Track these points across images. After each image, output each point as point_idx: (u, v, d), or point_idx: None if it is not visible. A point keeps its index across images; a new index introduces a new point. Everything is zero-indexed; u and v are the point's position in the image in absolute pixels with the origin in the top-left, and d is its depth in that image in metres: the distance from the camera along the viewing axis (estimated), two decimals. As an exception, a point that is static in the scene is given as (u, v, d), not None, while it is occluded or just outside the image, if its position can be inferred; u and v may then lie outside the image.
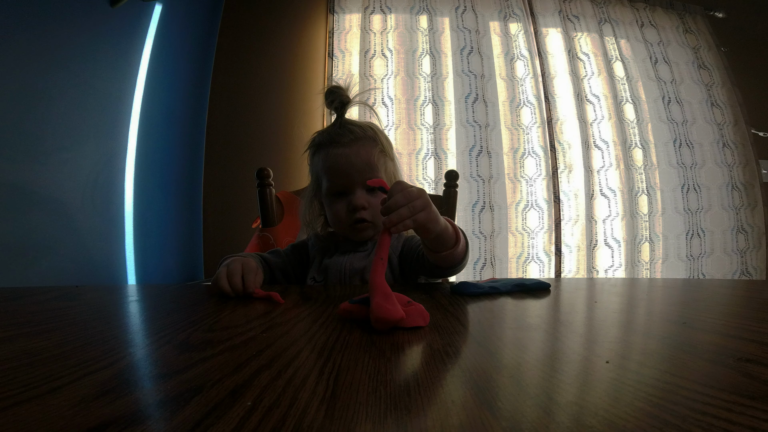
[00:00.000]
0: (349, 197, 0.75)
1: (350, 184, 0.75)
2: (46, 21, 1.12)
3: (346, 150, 0.74)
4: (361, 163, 0.74)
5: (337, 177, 0.75)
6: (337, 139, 0.75)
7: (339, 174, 0.75)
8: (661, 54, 2.41)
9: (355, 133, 0.75)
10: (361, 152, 0.74)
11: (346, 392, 0.21)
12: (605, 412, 0.18)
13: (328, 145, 0.76)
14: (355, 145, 0.75)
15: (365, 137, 0.76)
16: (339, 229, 0.79)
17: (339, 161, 0.74)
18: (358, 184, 0.74)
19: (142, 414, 0.18)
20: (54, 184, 1.16)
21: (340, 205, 0.75)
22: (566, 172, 2.19)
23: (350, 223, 0.75)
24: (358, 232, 0.76)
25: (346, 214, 0.75)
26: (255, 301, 0.52)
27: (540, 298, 0.54)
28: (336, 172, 0.75)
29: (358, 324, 0.38)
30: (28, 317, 0.42)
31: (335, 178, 0.75)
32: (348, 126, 0.77)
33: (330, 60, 2.13)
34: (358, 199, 0.73)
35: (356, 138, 0.75)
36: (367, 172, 0.74)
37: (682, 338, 0.32)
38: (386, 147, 0.79)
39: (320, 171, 0.77)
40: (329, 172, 0.75)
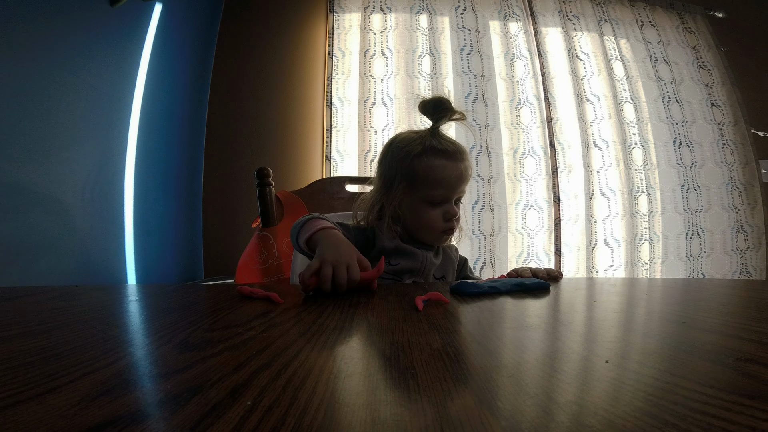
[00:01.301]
0: (445, 206, 0.82)
1: (449, 196, 0.82)
2: (46, 21, 1.11)
3: (455, 164, 0.81)
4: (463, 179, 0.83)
5: (444, 188, 0.81)
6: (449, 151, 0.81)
7: (446, 186, 0.81)
8: (661, 54, 2.41)
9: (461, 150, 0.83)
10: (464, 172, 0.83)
11: (345, 392, 0.21)
12: (605, 412, 0.18)
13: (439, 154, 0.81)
14: (461, 161, 0.82)
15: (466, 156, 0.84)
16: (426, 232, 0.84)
17: (448, 174, 0.80)
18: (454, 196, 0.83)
19: (141, 413, 0.18)
20: (54, 184, 1.16)
21: (436, 212, 0.82)
22: (566, 172, 2.19)
23: (443, 229, 0.82)
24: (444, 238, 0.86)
25: (441, 221, 0.82)
26: (254, 301, 0.52)
27: (540, 298, 0.54)
28: (443, 184, 0.80)
29: (357, 324, 0.38)
30: (28, 317, 0.42)
31: (441, 189, 0.81)
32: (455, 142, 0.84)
33: (330, 59, 2.13)
34: (454, 210, 0.82)
35: (462, 154, 0.83)
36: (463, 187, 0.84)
37: (681, 338, 0.32)
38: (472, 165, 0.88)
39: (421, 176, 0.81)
40: (435, 182, 0.80)
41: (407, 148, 0.82)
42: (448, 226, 0.82)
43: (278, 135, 2.12)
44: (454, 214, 0.81)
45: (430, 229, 0.83)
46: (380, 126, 2.06)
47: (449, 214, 0.81)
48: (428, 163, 0.80)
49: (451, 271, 0.89)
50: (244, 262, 1.16)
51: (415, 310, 0.45)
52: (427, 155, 0.80)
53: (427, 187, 0.80)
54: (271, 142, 2.10)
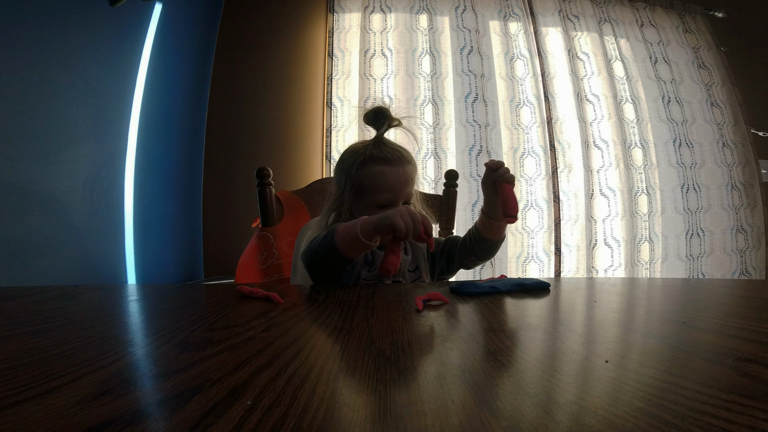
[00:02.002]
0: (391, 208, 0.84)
1: (395, 199, 0.85)
2: (46, 21, 1.11)
3: (395, 169, 0.85)
4: (405, 182, 0.86)
5: (387, 192, 0.85)
6: (389, 158, 0.86)
7: (388, 191, 0.85)
8: (661, 54, 2.41)
9: (403, 156, 0.87)
10: (406, 173, 0.86)
11: (345, 392, 0.21)
12: (605, 412, 0.18)
13: (379, 161, 0.86)
14: (401, 166, 0.86)
15: (408, 160, 0.88)
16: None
17: (389, 179, 0.85)
18: (400, 198, 0.86)
19: (141, 413, 0.18)
20: (54, 184, 1.16)
21: None
22: (566, 172, 2.19)
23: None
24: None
25: None
26: (254, 301, 0.52)
27: (540, 298, 0.54)
28: (387, 189, 0.85)
29: (357, 324, 0.38)
30: (28, 317, 0.42)
31: (384, 194, 0.85)
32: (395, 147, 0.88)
33: (330, 59, 2.12)
34: None
35: (403, 160, 0.87)
36: (408, 190, 0.87)
37: (681, 338, 0.32)
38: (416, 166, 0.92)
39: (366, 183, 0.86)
40: (378, 187, 0.85)
41: (352, 158, 0.88)
42: None
43: (278, 135, 2.12)
44: None
45: None
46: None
47: None
48: (370, 170, 0.85)
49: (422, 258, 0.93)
50: (244, 262, 1.16)
51: (415, 310, 0.45)
52: (369, 163, 0.86)
53: (372, 192, 0.86)
54: (271, 142, 2.10)
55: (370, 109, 0.90)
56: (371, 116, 0.89)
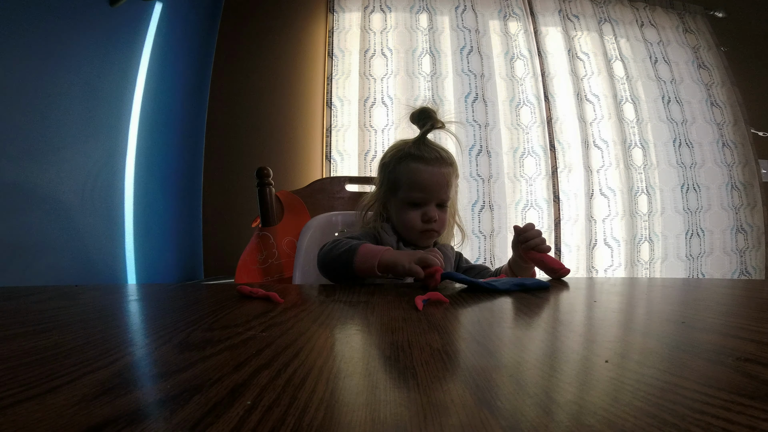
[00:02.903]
0: (424, 208, 0.86)
1: (428, 199, 0.86)
2: (46, 20, 1.11)
3: (431, 168, 0.85)
4: (440, 183, 0.86)
5: (419, 191, 0.85)
6: (427, 157, 0.86)
7: (422, 189, 0.85)
8: (661, 53, 2.41)
9: (442, 157, 0.87)
10: (444, 173, 0.86)
11: (345, 391, 0.21)
12: (604, 412, 0.18)
13: (416, 159, 0.86)
14: (439, 166, 0.86)
15: (448, 160, 0.88)
16: (407, 232, 0.89)
17: (424, 177, 0.85)
18: (433, 199, 0.86)
19: (141, 413, 0.18)
20: (53, 184, 1.16)
21: (414, 213, 0.86)
22: (566, 172, 2.18)
23: (421, 230, 0.86)
24: (426, 239, 0.89)
25: (419, 223, 0.86)
26: (254, 301, 0.52)
27: (540, 298, 0.54)
28: (419, 187, 0.85)
29: (357, 324, 0.38)
30: (27, 316, 0.42)
31: (417, 191, 0.85)
32: (435, 147, 0.88)
33: (330, 59, 2.12)
34: (433, 212, 0.86)
35: (442, 161, 0.86)
36: (443, 191, 0.86)
37: (681, 338, 0.32)
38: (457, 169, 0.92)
39: (402, 179, 0.87)
40: (412, 184, 0.85)
41: (394, 154, 0.89)
42: (426, 227, 0.86)
43: (278, 135, 2.12)
44: (431, 217, 0.85)
45: (409, 229, 0.87)
46: (380, 126, 2.06)
47: (426, 216, 0.85)
48: (407, 167, 0.86)
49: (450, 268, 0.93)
50: (243, 262, 1.16)
51: (414, 310, 0.45)
52: (407, 160, 0.87)
53: (406, 189, 0.86)
54: (271, 142, 2.10)
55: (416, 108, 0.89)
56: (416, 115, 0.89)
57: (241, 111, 2.10)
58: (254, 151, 2.08)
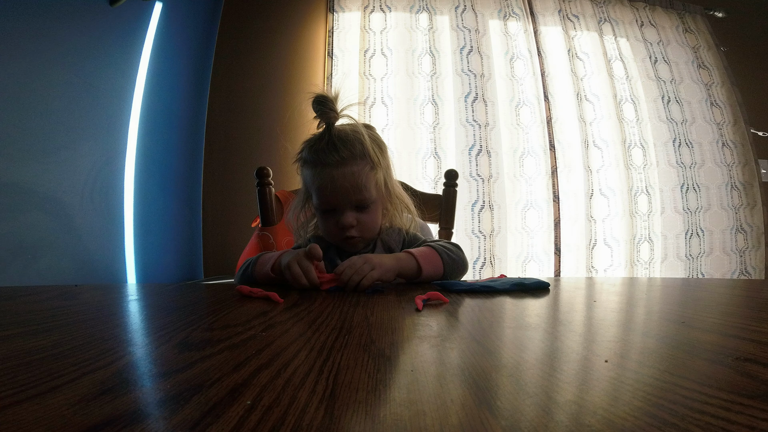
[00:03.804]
0: (337, 216, 0.77)
1: (339, 204, 0.76)
2: (46, 20, 1.11)
3: (333, 171, 0.74)
4: (348, 185, 0.74)
5: (326, 197, 0.76)
6: (324, 159, 0.74)
7: (328, 195, 0.75)
8: (661, 53, 2.41)
9: (342, 154, 0.74)
10: (348, 174, 0.74)
11: (345, 391, 0.21)
12: (604, 411, 0.18)
13: (314, 164, 0.76)
14: (343, 166, 0.74)
15: (353, 157, 0.75)
16: (329, 239, 0.82)
17: (327, 183, 0.74)
18: (347, 204, 0.76)
19: (141, 413, 0.18)
20: (53, 183, 1.16)
21: (331, 221, 0.78)
22: (566, 172, 2.18)
23: (341, 238, 0.78)
24: (350, 246, 0.80)
25: (336, 231, 0.78)
26: (254, 301, 0.52)
27: (539, 298, 0.54)
28: (325, 193, 0.75)
29: (357, 324, 0.38)
30: (27, 316, 0.42)
31: (325, 198, 0.76)
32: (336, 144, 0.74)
33: (330, 59, 2.12)
34: (347, 218, 0.76)
35: (343, 160, 0.74)
36: (354, 193, 0.75)
37: (680, 337, 0.32)
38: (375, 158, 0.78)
39: (309, 186, 0.78)
40: (318, 191, 0.76)
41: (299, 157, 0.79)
42: (343, 234, 0.77)
43: (278, 134, 2.11)
44: (345, 224, 0.75)
45: (330, 236, 0.80)
46: (380, 125, 2.06)
47: (341, 223, 0.76)
48: (306, 173, 0.78)
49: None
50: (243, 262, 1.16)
51: (414, 310, 0.45)
52: (306, 165, 0.77)
53: (315, 196, 0.78)
54: (270, 142, 2.10)
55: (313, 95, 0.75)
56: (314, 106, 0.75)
57: (241, 111, 2.10)
58: (254, 150, 2.08)
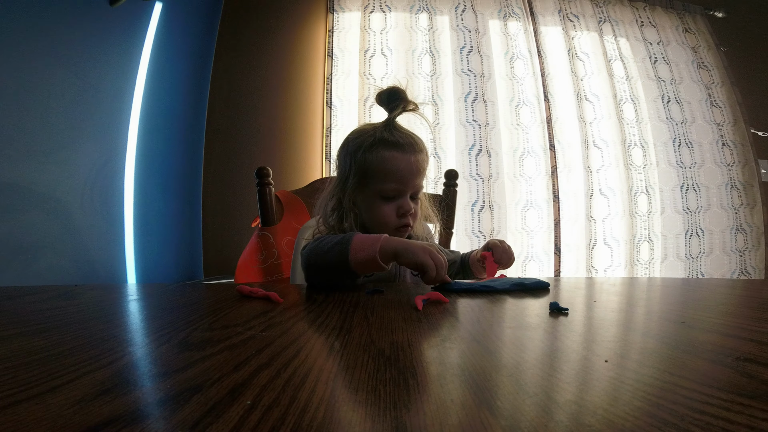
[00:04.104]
0: (398, 201, 0.78)
1: (404, 190, 0.78)
2: (46, 20, 1.11)
3: (407, 156, 0.76)
4: (416, 172, 0.78)
5: (395, 182, 0.77)
6: (401, 143, 0.77)
7: (397, 179, 0.76)
8: (661, 53, 2.41)
9: (416, 142, 0.78)
10: (418, 162, 0.78)
11: (345, 391, 0.21)
12: (604, 411, 0.18)
13: (389, 146, 0.76)
14: (414, 153, 0.77)
15: (421, 147, 0.79)
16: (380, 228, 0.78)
17: (400, 166, 0.76)
18: (408, 190, 0.78)
19: (141, 413, 0.18)
20: (53, 183, 1.16)
21: (389, 207, 0.78)
22: (565, 172, 2.18)
23: (397, 225, 0.78)
24: (401, 234, 0.80)
25: (394, 218, 0.78)
26: (254, 301, 0.52)
27: (539, 298, 0.54)
28: (395, 177, 0.76)
29: (357, 323, 0.38)
30: (27, 316, 0.42)
31: (392, 182, 0.77)
32: (408, 133, 0.79)
33: (330, 59, 2.12)
34: (407, 204, 0.78)
35: (416, 146, 0.78)
36: (419, 180, 0.79)
37: (680, 337, 0.32)
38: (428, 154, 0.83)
39: (372, 169, 0.77)
40: (387, 174, 0.76)
41: (359, 140, 0.79)
42: (402, 222, 0.78)
43: (278, 134, 2.11)
44: (407, 210, 0.77)
45: (384, 226, 0.78)
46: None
47: (402, 209, 0.77)
48: (378, 155, 0.76)
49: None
50: (243, 262, 1.16)
51: (414, 310, 0.45)
52: (378, 147, 0.77)
53: (378, 180, 0.77)
54: (270, 142, 2.10)
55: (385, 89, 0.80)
56: (385, 96, 0.79)
57: (241, 111, 2.10)
58: (254, 150, 2.08)
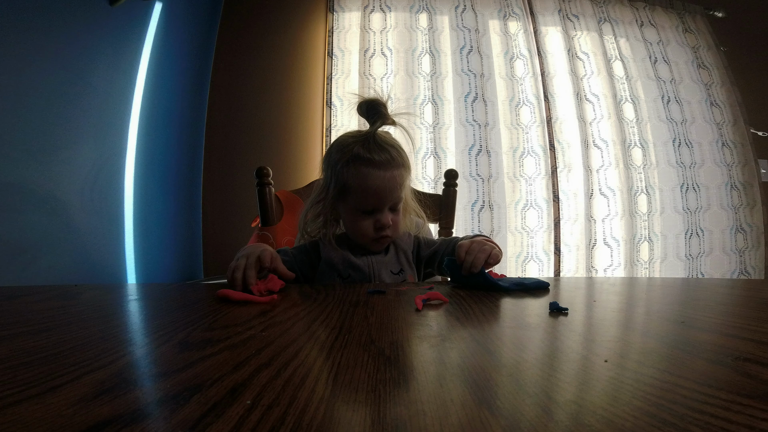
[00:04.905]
0: (376, 215, 0.80)
1: (380, 205, 0.79)
2: (46, 20, 1.11)
3: (382, 173, 0.77)
4: (393, 187, 0.79)
5: (371, 198, 0.79)
6: (377, 160, 0.77)
7: (373, 196, 0.78)
8: (661, 53, 2.41)
9: (393, 158, 0.79)
10: (395, 177, 0.79)
11: (345, 391, 0.21)
12: (604, 411, 0.18)
13: (365, 163, 0.78)
14: (391, 169, 0.78)
15: (399, 162, 0.80)
16: (359, 239, 0.84)
17: (375, 184, 0.77)
18: (386, 204, 0.80)
19: (141, 413, 0.18)
20: (53, 183, 1.16)
21: (367, 221, 0.80)
22: (565, 172, 2.19)
23: (375, 237, 0.81)
24: (379, 246, 0.84)
25: (372, 230, 0.81)
26: (254, 301, 0.52)
27: (539, 298, 0.54)
28: (370, 194, 0.78)
29: (357, 323, 0.38)
30: (27, 316, 0.42)
31: (368, 198, 0.79)
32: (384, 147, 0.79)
33: (329, 59, 2.12)
34: (386, 218, 0.80)
35: (393, 163, 0.79)
36: (396, 195, 0.80)
37: (680, 337, 0.33)
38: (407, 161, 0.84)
39: (350, 184, 0.79)
40: (363, 191, 0.78)
41: (339, 154, 0.80)
42: (378, 234, 0.81)
43: (278, 134, 2.11)
44: (385, 224, 0.79)
45: (362, 237, 0.82)
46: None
47: (379, 223, 0.80)
48: (355, 171, 0.78)
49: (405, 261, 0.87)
50: (243, 262, 1.16)
51: (414, 310, 0.45)
52: (355, 164, 0.78)
53: (356, 196, 0.79)
54: (270, 142, 2.10)
55: (364, 100, 0.81)
56: (364, 108, 0.81)
57: (241, 111, 2.10)
58: (254, 150, 2.08)
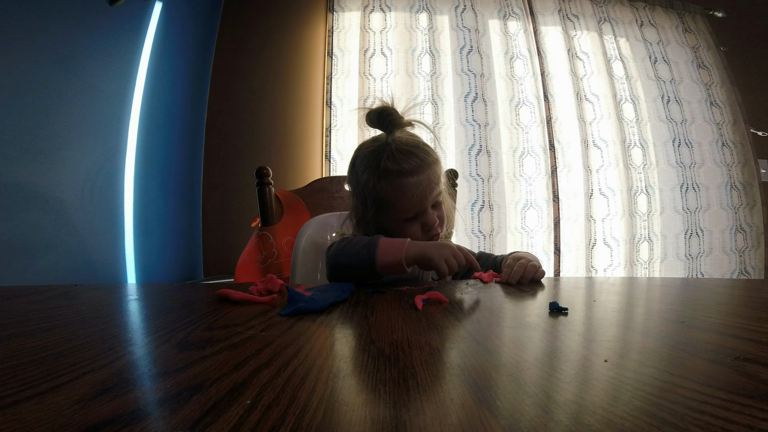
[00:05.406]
0: (421, 218, 0.79)
1: (423, 209, 0.79)
2: (46, 20, 1.11)
3: (416, 179, 0.76)
4: (430, 188, 0.78)
5: (413, 206, 0.78)
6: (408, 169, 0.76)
7: (414, 203, 0.77)
8: (661, 53, 2.41)
9: (422, 159, 0.77)
10: (429, 177, 0.78)
11: (345, 391, 0.21)
12: (604, 411, 0.18)
13: (397, 175, 0.76)
14: (423, 171, 0.77)
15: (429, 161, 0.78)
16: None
17: (413, 192, 0.76)
18: (428, 206, 0.79)
19: (141, 412, 0.18)
20: (53, 183, 1.16)
21: (415, 227, 0.80)
22: (565, 172, 2.19)
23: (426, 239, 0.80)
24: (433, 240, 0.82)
25: (421, 233, 0.80)
26: (254, 300, 0.52)
27: (539, 297, 0.54)
28: (411, 202, 0.77)
29: (357, 323, 0.38)
30: (27, 316, 0.42)
31: (410, 207, 0.78)
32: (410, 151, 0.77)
33: (329, 59, 2.12)
34: (432, 218, 0.80)
35: (424, 164, 0.77)
36: (435, 192, 0.79)
37: (680, 337, 0.32)
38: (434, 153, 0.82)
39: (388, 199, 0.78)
40: (403, 202, 0.77)
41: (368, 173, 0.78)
42: (429, 235, 0.81)
43: (278, 134, 2.11)
44: (432, 223, 0.79)
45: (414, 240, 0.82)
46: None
47: (427, 225, 0.80)
48: (389, 186, 0.76)
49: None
50: (243, 261, 1.16)
51: (414, 310, 0.45)
52: (387, 178, 0.76)
53: (397, 208, 0.78)
54: (270, 142, 2.10)
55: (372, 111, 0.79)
56: (375, 118, 0.79)
57: (241, 111, 2.10)
58: (254, 150, 2.08)
